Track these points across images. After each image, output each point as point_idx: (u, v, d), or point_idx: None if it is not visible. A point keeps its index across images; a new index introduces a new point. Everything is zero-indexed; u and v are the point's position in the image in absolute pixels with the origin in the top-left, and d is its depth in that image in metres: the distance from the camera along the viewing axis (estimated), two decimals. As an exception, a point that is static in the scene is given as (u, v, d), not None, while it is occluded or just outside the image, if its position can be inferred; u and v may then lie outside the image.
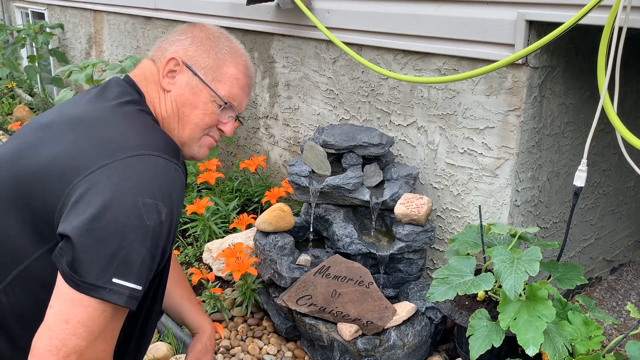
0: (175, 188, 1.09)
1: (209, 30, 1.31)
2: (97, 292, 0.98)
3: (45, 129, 1.18)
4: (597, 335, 1.65)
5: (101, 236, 0.99)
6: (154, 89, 1.27)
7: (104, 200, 1.00)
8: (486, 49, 2.03)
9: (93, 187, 1.02)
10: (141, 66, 1.31)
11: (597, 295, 2.64)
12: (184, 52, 1.26)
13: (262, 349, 2.19)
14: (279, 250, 2.17)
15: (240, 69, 1.31)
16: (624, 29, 1.53)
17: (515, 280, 1.60)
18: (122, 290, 0.99)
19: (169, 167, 1.10)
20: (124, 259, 1.00)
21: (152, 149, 1.09)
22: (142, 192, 1.03)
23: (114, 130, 1.13)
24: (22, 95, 6.05)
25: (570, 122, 2.22)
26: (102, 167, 1.04)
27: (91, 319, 0.99)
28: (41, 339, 0.97)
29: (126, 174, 1.04)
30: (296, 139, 3.08)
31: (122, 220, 1.00)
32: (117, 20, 4.66)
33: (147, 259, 1.03)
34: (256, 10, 3.01)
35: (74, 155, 1.08)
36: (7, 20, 7.04)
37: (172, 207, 1.07)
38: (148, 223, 1.02)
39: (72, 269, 0.98)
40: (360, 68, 2.58)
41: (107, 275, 0.98)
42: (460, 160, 2.23)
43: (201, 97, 1.26)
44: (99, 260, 0.98)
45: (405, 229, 2.13)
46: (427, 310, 2.08)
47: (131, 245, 1.00)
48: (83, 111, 1.19)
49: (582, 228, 2.51)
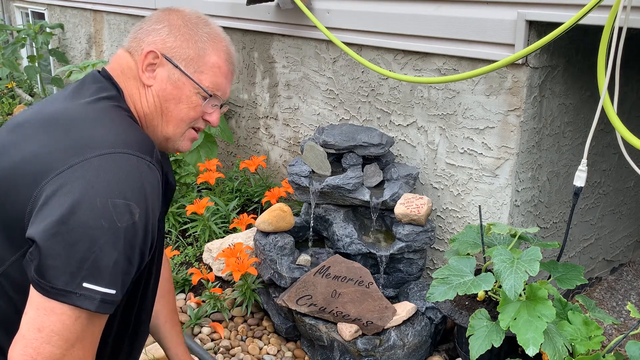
0: (150, 187, 1.04)
1: (186, 17, 1.23)
2: (67, 297, 0.94)
3: (18, 129, 1.13)
4: (597, 335, 1.65)
5: (69, 240, 0.94)
6: (133, 85, 1.20)
7: (72, 201, 0.96)
8: (486, 49, 2.03)
9: (61, 188, 0.98)
10: (117, 59, 1.23)
11: (597, 295, 2.64)
12: (162, 44, 1.19)
13: (262, 349, 2.19)
14: (279, 250, 2.17)
15: (222, 56, 1.23)
16: (624, 29, 1.53)
17: (515, 280, 1.60)
18: (94, 295, 0.95)
19: (141, 164, 1.04)
20: (94, 263, 0.95)
21: (123, 147, 1.04)
22: (112, 192, 0.98)
23: (85, 128, 1.07)
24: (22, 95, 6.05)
25: (570, 122, 2.22)
26: (70, 167, 1.00)
27: (65, 327, 0.95)
28: (16, 348, 0.95)
29: (95, 174, 0.99)
30: (296, 139, 3.08)
31: (91, 223, 0.95)
32: (117, 20, 4.66)
33: (120, 262, 0.98)
34: (256, 10, 3.01)
35: (43, 156, 1.03)
36: (7, 20, 7.04)
37: (147, 207, 1.02)
38: (119, 225, 0.97)
39: (40, 275, 0.94)
40: (360, 68, 2.58)
41: (77, 280, 0.94)
42: (460, 160, 2.23)
43: (184, 90, 1.19)
44: (68, 264, 0.94)
45: (405, 229, 2.13)
46: (427, 310, 2.08)
47: (102, 248, 0.96)
48: (56, 109, 1.14)
49: (582, 228, 2.51)
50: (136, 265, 1.03)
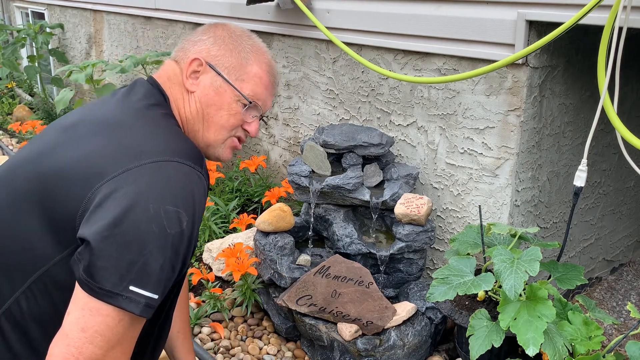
0: (198, 196, 1.07)
1: (230, 29, 1.29)
2: (114, 299, 0.96)
3: (68, 130, 1.17)
4: (597, 335, 1.65)
5: (120, 242, 0.97)
6: (177, 90, 1.25)
7: (126, 205, 0.98)
8: (486, 49, 2.03)
9: (115, 192, 1.00)
10: (164, 67, 1.29)
11: (597, 295, 2.64)
12: (206, 52, 1.25)
13: (262, 349, 2.19)
14: (279, 250, 2.17)
15: (263, 67, 1.28)
16: (624, 29, 1.53)
17: (516, 280, 1.59)
18: (139, 298, 0.97)
19: (192, 174, 1.08)
20: (142, 267, 0.98)
21: (176, 155, 1.07)
22: (164, 199, 1.01)
23: (139, 134, 1.11)
24: (22, 95, 6.05)
25: (570, 122, 2.22)
26: (125, 171, 1.02)
27: (108, 328, 0.97)
28: (58, 346, 0.96)
29: (149, 180, 1.02)
30: (296, 139, 3.08)
31: (142, 227, 0.98)
32: (117, 20, 4.66)
33: (166, 268, 1.00)
34: (256, 10, 3.01)
35: (97, 159, 1.06)
36: (7, 20, 7.04)
37: (194, 216, 1.05)
38: (169, 231, 1.00)
39: (89, 275, 0.96)
40: (360, 68, 2.58)
41: (125, 283, 0.96)
42: (460, 160, 2.23)
43: (225, 97, 1.24)
44: (118, 267, 0.96)
45: (405, 229, 2.13)
46: (427, 310, 2.08)
47: (151, 253, 0.98)
48: (108, 114, 1.17)
49: (582, 228, 2.51)
50: (177, 273, 1.05)
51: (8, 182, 1.14)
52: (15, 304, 1.09)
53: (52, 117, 5.03)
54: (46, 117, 5.07)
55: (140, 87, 1.23)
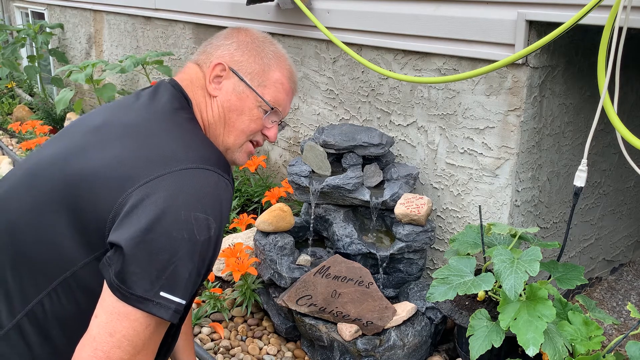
0: (225, 204, 1.09)
1: (253, 35, 1.30)
2: (144, 305, 0.97)
3: (95, 132, 1.16)
4: (597, 336, 1.65)
5: (152, 249, 0.98)
6: (200, 94, 1.25)
7: (158, 212, 0.99)
8: (486, 49, 2.03)
9: (147, 197, 1.01)
10: (187, 70, 1.29)
11: (597, 296, 2.64)
12: (230, 57, 1.25)
13: (262, 349, 2.19)
14: (279, 250, 2.17)
15: (285, 73, 1.30)
16: (624, 29, 1.53)
17: (516, 280, 1.59)
18: (169, 304, 0.99)
19: (221, 182, 1.09)
20: (172, 273, 0.99)
21: (205, 163, 1.09)
22: (195, 207, 1.02)
23: (168, 140, 1.12)
24: (22, 95, 6.05)
25: (570, 122, 2.22)
26: (157, 177, 1.03)
27: (136, 333, 0.98)
28: (85, 350, 0.97)
29: (180, 187, 1.03)
30: (296, 139, 3.08)
31: (174, 235, 0.99)
32: (117, 20, 4.66)
33: (193, 274, 1.02)
34: (256, 10, 3.01)
35: (128, 163, 1.07)
36: (7, 20, 7.04)
37: (221, 223, 1.07)
38: (198, 238, 1.01)
39: (121, 280, 0.97)
40: (360, 68, 2.58)
41: (155, 289, 0.98)
42: (461, 160, 2.23)
43: (247, 102, 1.25)
44: (149, 272, 0.97)
45: (405, 229, 2.13)
46: (427, 310, 2.08)
47: (181, 259, 0.99)
48: (135, 117, 1.17)
49: (582, 228, 2.51)
50: (202, 278, 1.07)
51: (30, 183, 1.13)
52: (39, 304, 1.09)
53: (52, 117, 5.03)
54: (46, 117, 5.07)
55: (164, 91, 1.24)
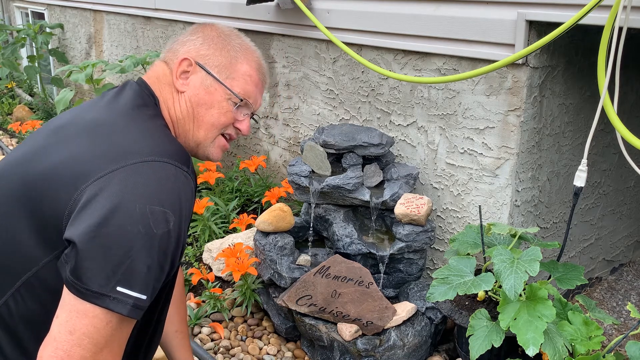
0: (185, 196, 1.06)
1: (219, 29, 1.30)
2: (101, 300, 0.95)
3: (56, 132, 1.16)
4: (597, 336, 1.65)
5: (107, 243, 0.96)
6: (167, 91, 1.25)
7: (111, 206, 0.98)
8: (486, 49, 2.03)
9: (101, 192, 1.00)
10: (154, 68, 1.29)
11: (597, 296, 2.64)
12: (196, 52, 1.25)
13: (262, 349, 2.19)
14: (279, 250, 2.17)
15: (253, 65, 1.29)
16: (624, 29, 1.53)
17: (515, 280, 1.59)
18: (126, 299, 0.97)
19: (179, 174, 1.07)
20: (129, 267, 0.97)
21: (162, 156, 1.07)
22: (150, 200, 1.00)
23: (125, 135, 1.11)
24: (22, 95, 6.05)
25: (570, 122, 2.22)
26: (111, 172, 1.02)
27: (96, 330, 0.97)
28: (47, 350, 0.96)
29: (135, 181, 1.02)
30: (296, 139, 3.08)
31: (129, 228, 0.98)
32: (117, 20, 4.66)
33: (153, 269, 1.00)
34: (256, 10, 3.01)
35: (83, 160, 1.06)
36: (7, 20, 7.04)
37: (181, 216, 1.05)
38: (155, 231, 0.99)
39: (76, 276, 0.96)
40: (360, 68, 2.58)
41: (112, 284, 0.96)
42: (461, 160, 2.23)
43: (216, 96, 1.24)
44: (104, 267, 0.96)
45: (405, 229, 2.13)
46: (427, 310, 2.08)
47: (137, 253, 0.98)
48: (97, 116, 1.17)
49: (582, 228, 2.51)
50: (166, 273, 1.05)
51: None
52: (5, 306, 1.09)
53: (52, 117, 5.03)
54: (46, 117, 5.07)
55: (129, 89, 1.23)
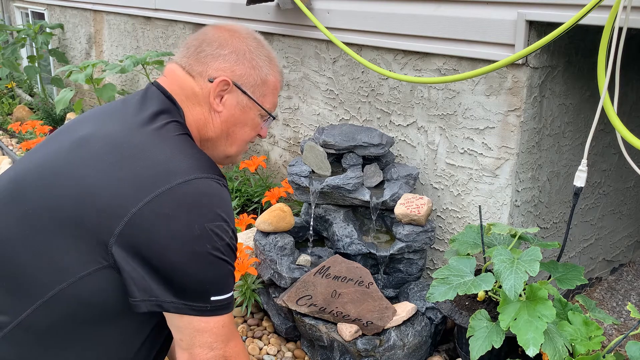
0: (229, 204, 1.15)
1: (246, 40, 1.28)
2: (207, 312, 1.10)
3: (81, 145, 1.14)
4: (597, 336, 1.65)
5: (185, 270, 1.06)
6: (198, 111, 1.24)
7: (174, 233, 1.05)
8: (486, 49, 2.03)
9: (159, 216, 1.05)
10: (175, 78, 1.25)
11: (597, 296, 2.64)
12: (231, 72, 1.24)
13: (262, 349, 2.19)
14: (279, 250, 2.17)
15: (277, 77, 1.33)
16: (624, 29, 1.53)
17: (516, 281, 1.59)
18: (224, 302, 1.12)
19: (219, 185, 1.14)
20: (212, 280, 1.10)
21: (202, 172, 1.11)
22: (206, 217, 1.08)
23: (159, 153, 1.11)
24: (22, 95, 6.05)
25: (570, 122, 2.22)
26: (160, 194, 1.06)
27: (216, 334, 1.12)
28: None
29: (185, 201, 1.07)
30: (296, 139, 3.08)
31: (197, 249, 1.06)
32: (117, 21, 4.66)
33: (229, 270, 1.13)
34: (256, 10, 3.01)
35: (126, 181, 1.07)
36: (7, 20, 7.04)
37: (232, 221, 1.14)
38: (219, 244, 1.09)
39: (180, 297, 1.07)
40: (360, 68, 2.58)
41: (206, 298, 1.09)
42: (461, 161, 2.23)
43: (250, 114, 1.29)
44: (194, 289, 1.08)
45: (405, 229, 2.13)
46: (427, 310, 2.08)
47: (213, 267, 1.09)
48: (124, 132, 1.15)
49: (582, 228, 2.51)
50: (233, 265, 1.17)
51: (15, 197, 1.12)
52: (33, 315, 1.09)
53: (52, 117, 5.02)
54: (46, 117, 5.07)
55: (154, 99, 1.22)
